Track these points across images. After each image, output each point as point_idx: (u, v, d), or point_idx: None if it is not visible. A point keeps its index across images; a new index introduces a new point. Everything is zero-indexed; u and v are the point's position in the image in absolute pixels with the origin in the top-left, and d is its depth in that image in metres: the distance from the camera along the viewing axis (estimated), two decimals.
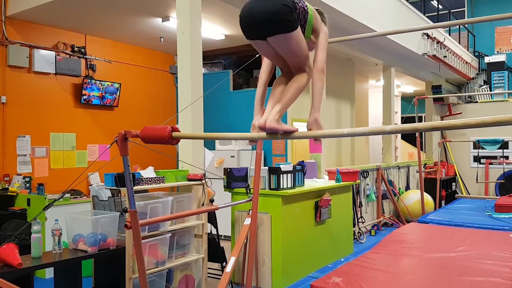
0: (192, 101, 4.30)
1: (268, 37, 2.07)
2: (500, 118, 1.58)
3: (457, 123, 1.71)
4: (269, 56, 2.30)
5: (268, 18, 1.99)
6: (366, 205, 7.98)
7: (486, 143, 9.24)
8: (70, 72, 6.95)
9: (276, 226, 4.60)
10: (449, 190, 10.85)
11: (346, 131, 1.91)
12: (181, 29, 4.46)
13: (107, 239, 3.50)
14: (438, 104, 12.06)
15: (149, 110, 8.28)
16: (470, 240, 4.84)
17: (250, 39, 2.16)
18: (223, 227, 5.16)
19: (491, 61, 12.79)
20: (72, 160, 6.96)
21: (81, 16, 6.32)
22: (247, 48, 8.10)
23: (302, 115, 7.79)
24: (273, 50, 2.17)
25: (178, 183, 4.05)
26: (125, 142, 2.46)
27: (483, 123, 1.61)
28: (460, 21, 8.20)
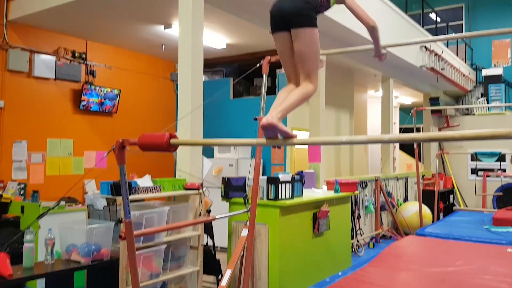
0: (192, 108, 4.27)
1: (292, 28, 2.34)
2: (497, 132, 1.59)
3: (455, 135, 1.71)
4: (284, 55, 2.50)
5: (293, 13, 2.32)
6: (365, 217, 7.93)
7: (483, 156, 9.24)
8: (70, 78, 6.93)
9: (273, 238, 4.55)
10: (447, 202, 10.82)
11: (344, 139, 1.91)
12: (183, 38, 4.44)
13: (101, 250, 3.44)
14: (436, 115, 12.08)
15: (148, 117, 8.24)
16: (468, 254, 4.81)
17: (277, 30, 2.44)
18: (219, 238, 5.11)
19: (488, 74, 12.84)
20: (69, 167, 6.91)
21: (82, 21, 6.31)
22: (248, 57, 8.13)
23: (302, 124, 7.78)
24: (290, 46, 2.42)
25: (175, 193, 4.01)
26: (122, 150, 2.42)
27: (481, 136, 1.63)
28: (458, 35, 8.25)
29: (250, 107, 7.56)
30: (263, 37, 6.98)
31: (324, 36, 6.72)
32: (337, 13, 6.15)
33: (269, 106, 4.55)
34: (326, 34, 6.75)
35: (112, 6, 5.65)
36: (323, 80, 6.91)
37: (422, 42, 8.60)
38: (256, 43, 7.43)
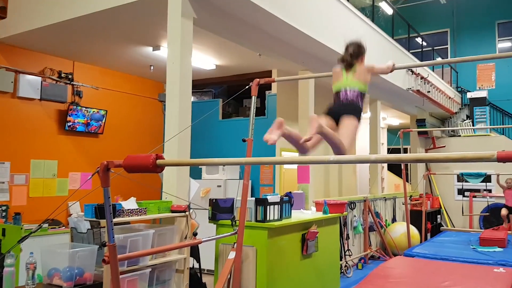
0: (179, 130, 4.25)
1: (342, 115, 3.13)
2: (481, 154, 1.62)
3: (440, 157, 1.74)
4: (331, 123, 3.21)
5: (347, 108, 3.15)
6: (353, 237, 7.90)
7: (469, 176, 9.31)
8: (56, 98, 6.88)
9: (261, 260, 4.49)
10: (434, 223, 10.85)
11: (332, 158, 1.91)
12: (172, 59, 4.45)
13: (84, 274, 3.35)
14: (422, 137, 12.21)
15: (135, 138, 8.19)
16: (455, 275, 4.80)
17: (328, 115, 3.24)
18: (206, 260, 5.03)
19: (473, 96, 13.07)
20: (52, 189, 6.80)
21: (69, 42, 6.30)
22: (237, 78, 8.17)
23: (291, 145, 7.78)
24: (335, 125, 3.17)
25: (160, 215, 3.95)
26: (107, 173, 2.38)
27: (465, 158, 1.66)
28: (444, 61, 8.47)
29: (239, 128, 7.56)
30: (251, 59, 7.04)
31: (314, 58, 6.81)
32: (329, 40, 6.25)
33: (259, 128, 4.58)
34: (316, 57, 6.83)
35: (100, 27, 5.65)
36: (312, 101, 6.95)
37: (411, 67, 8.77)
38: (245, 64, 7.48)
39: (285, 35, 5.88)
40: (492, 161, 1.59)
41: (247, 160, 2.33)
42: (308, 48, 6.44)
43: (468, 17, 15.36)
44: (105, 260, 2.51)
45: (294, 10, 5.56)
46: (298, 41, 6.10)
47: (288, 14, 5.39)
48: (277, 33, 5.81)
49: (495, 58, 4.14)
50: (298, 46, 6.33)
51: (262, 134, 2.63)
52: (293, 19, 5.50)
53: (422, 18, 15.56)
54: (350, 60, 3.32)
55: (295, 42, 6.18)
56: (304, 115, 6.90)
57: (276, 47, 6.13)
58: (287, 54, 6.35)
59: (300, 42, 6.15)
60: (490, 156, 1.59)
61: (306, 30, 5.76)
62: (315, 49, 6.44)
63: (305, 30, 5.74)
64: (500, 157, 1.58)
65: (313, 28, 5.94)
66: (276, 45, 6.10)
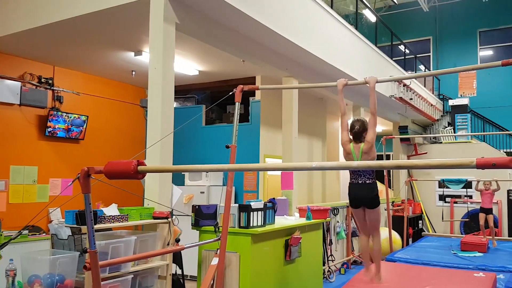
0: (162, 136, 4.22)
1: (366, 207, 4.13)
2: (461, 161, 1.64)
3: (420, 163, 1.77)
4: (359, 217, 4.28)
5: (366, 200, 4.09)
6: (336, 243, 7.93)
7: (450, 183, 9.42)
8: (36, 103, 6.78)
9: (244, 266, 4.47)
10: (416, 228, 10.96)
11: (314, 165, 1.93)
12: (154, 64, 4.42)
13: (65, 281, 3.31)
14: (404, 143, 12.35)
15: (117, 143, 8.11)
16: (436, 279, 4.85)
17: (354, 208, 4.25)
18: (189, 266, 4.99)
19: (455, 104, 13.28)
20: (33, 195, 6.69)
21: (50, 47, 6.23)
22: (220, 84, 8.16)
23: (275, 151, 7.82)
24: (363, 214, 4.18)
25: (142, 222, 3.91)
26: (87, 179, 2.35)
27: (445, 164, 1.68)
28: (428, 73, 8.64)
29: (223, 135, 7.54)
30: (235, 65, 7.04)
31: (298, 65, 6.86)
32: (315, 48, 6.30)
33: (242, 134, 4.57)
34: (300, 64, 6.88)
35: (81, 32, 5.60)
36: (296, 108, 6.98)
37: (396, 80, 8.91)
38: (229, 70, 7.48)
39: (269, 41, 5.91)
40: (472, 167, 1.62)
41: (230, 167, 2.33)
42: (292, 55, 6.47)
43: (450, 25, 15.63)
44: (86, 266, 2.47)
45: (278, 16, 5.59)
46: (282, 47, 6.13)
47: (272, 20, 5.41)
48: (261, 39, 5.83)
49: (476, 69, 4.24)
50: (282, 52, 6.36)
51: (246, 141, 2.64)
52: (277, 25, 5.53)
53: (405, 26, 15.79)
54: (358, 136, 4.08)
55: (279, 49, 6.21)
56: (287, 121, 6.93)
57: (260, 53, 6.15)
58: (271, 60, 6.38)
59: (284, 48, 6.18)
60: (469, 162, 1.61)
61: (290, 36, 5.80)
62: (299, 55, 6.48)
63: (289, 37, 5.77)
64: (479, 164, 1.60)
65: (297, 35, 5.97)
66: (260, 51, 6.12)
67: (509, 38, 14.83)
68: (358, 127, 4.02)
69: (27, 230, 5.36)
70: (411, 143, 12.35)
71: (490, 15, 14.88)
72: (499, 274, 5.30)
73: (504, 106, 14.04)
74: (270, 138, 7.88)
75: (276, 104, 7.43)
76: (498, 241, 8.05)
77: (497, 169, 1.60)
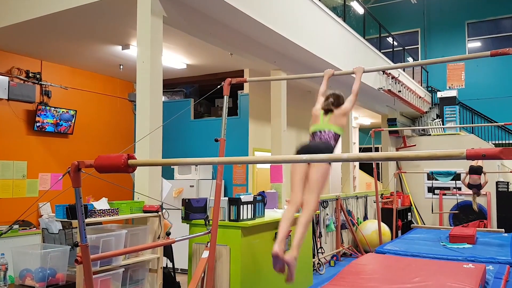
0: (151, 130, 4.22)
1: None
2: (450, 152, 1.64)
3: (410, 155, 1.77)
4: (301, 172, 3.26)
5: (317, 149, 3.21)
6: (326, 235, 7.99)
7: (439, 175, 9.50)
8: (24, 98, 6.73)
9: (235, 259, 4.51)
10: (405, 220, 11.05)
11: (305, 157, 1.93)
12: (141, 58, 4.41)
13: (57, 274, 3.32)
14: (393, 136, 12.42)
15: (105, 138, 8.08)
16: (425, 271, 4.90)
17: None
18: (179, 260, 5.01)
19: (443, 96, 13.38)
20: (22, 190, 6.66)
21: (37, 41, 6.17)
22: (208, 77, 8.14)
23: (264, 145, 7.84)
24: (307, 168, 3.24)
25: (133, 215, 3.92)
26: (78, 173, 2.35)
27: (434, 156, 1.67)
28: (416, 63, 8.66)
29: (211, 128, 7.55)
30: (223, 58, 7.03)
31: (286, 58, 6.87)
32: (300, 39, 6.30)
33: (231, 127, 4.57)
34: (288, 57, 6.88)
35: (68, 26, 5.55)
36: (285, 101, 7.00)
37: (383, 69, 8.90)
38: (216, 64, 7.47)
39: (257, 34, 5.91)
40: (461, 158, 1.62)
41: (220, 160, 2.35)
42: (280, 48, 6.48)
43: (438, 17, 15.71)
44: (77, 260, 2.49)
45: (266, 9, 5.59)
46: (270, 40, 6.14)
47: (260, 13, 5.41)
48: (249, 32, 5.83)
49: (464, 59, 4.26)
50: (270, 45, 6.37)
51: (235, 134, 2.67)
52: (265, 18, 5.53)
53: (393, 18, 15.85)
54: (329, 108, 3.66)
55: (267, 42, 6.21)
56: (276, 114, 6.94)
57: (248, 47, 6.15)
58: (259, 53, 6.39)
59: (272, 41, 6.18)
60: (459, 154, 1.62)
61: (278, 29, 5.80)
62: (287, 48, 6.49)
63: (277, 30, 5.78)
64: (469, 155, 1.61)
65: (285, 28, 5.98)
66: (248, 45, 6.12)
67: (497, 30, 14.95)
68: (333, 100, 3.67)
69: (17, 225, 5.33)
70: (399, 135, 12.43)
71: (478, 7, 14.98)
72: (488, 265, 5.36)
73: (492, 98, 14.17)
74: (259, 132, 7.90)
75: (265, 98, 7.45)
76: (487, 233, 8.15)
77: (486, 161, 1.62)
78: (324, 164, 3.17)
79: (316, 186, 3.13)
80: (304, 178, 3.21)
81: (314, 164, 3.17)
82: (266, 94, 7.31)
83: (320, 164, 3.17)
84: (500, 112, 13.42)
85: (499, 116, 13.11)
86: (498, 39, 14.86)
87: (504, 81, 14.26)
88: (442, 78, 15.05)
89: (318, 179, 3.14)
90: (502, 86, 14.24)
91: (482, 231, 8.33)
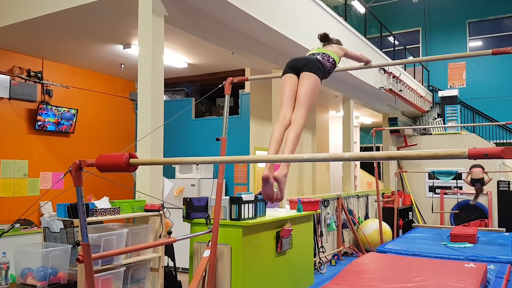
0: (152, 129, 4.22)
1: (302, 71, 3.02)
2: (453, 151, 1.64)
3: (412, 154, 1.76)
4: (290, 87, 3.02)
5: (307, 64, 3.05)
6: (327, 235, 7.99)
7: (440, 174, 9.49)
8: (25, 97, 6.74)
9: (236, 258, 4.51)
10: (406, 219, 11.05)
11: (306, 156, 1.93)
12: (143, 57, 4.41)
13: (58, 273, 3.33)
14: (394, 135, 12.41)
15: (107, 137, 8.09)
16: (427, 270, 4.89)
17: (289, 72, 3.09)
18: (180, 259, 5.01)
19: (444, 95, 13.36)
20: (24, 188, 6.67)
21: (39, 41, 6.18)
22: (209, 76, 8.14)
23: (264, 144, 7.83)
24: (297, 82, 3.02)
25: (134, 214, 3.93)
26: (79, 172, 2.35)
27: (436, 155, 1.67)
28: (417, 59, 8.63)
29: (212, 127, 7.55)
30: (224, 58, 7.03)
31: (287, 57, 6.84)
32: (300, 37, 6.30)
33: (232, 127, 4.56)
34: (290, 56, 6.86)
35: (70, 25, 5.56)
36: None
37: (383, 66, 8.88)
38: (218, 63, 7.47)
39: (258, 34, 5.91)
40: (464, 158, 1.61)
41: (221, 159, 2.36)
42: (281, 47, 6.48)
43: (439, 16, 15.69)
44: (79, 259, 2.49)
45: (267, 8, 5.59)
46: (271, 39, 6.14)
47: (261, 12, 5.41)
48: (250, 32, 5.82)
49: (466, 56, 4.22)
50: (271, 44, 6.37)
51: (236, 133, 2.66)
52: (266, 17, 5.53)
53: (394, 17, 15.84)
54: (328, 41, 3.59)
55: (268, 41, 6.21)
56: (277, 113, 6.92)
57: (249, 46, 6.15)
58: (260, 52, 6.38)
59: (273, 40, 6.18)
60: (461, 153, 1.61)
61: (279, 28, 5.80)
62: (288, 47, 6.49)
63: (278, 29, 5.78)
64: (471, 154, 1.60)
65: (286, 27, 5.98)
66: (249, 44, 6.12)
67: (498, 29, 14.93)
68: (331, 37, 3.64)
69: (18, 224, 5.34)
70: (401, 134, 12.42)
71: (479, 6, 14.97)
72: (489, 264, 5.36)
73: (493, 97, 14.15)
74: (260, 131, 7.90)
75: (266, 97, 7.45)
76: (488, 232, 8.14)
77: (487, 160, 1.61)
78: (313, 77, 2.97)
79: (306, 101, 2.89)
80: (293, 95, 2.97)
81: (304, 77, 2.98)
82: (267, 93, 7.31)
83: (309, 77, 2.97)
84: (501, 111, 13.41)
85: (500, 115, 13.10)
86: (499, 38, 14.85)
87: (505, 80, 14.25)
88: (443, 77, 15.04)
89: (307, 93, 2.91)
90: (503, 85, 14.22)
91: (483, 231, 8.32)
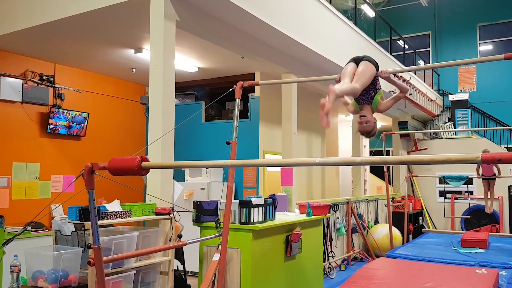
0: (163, 133, 4.24)
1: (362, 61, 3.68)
2: (466, 156, 1.63)
3: (425, 159, 1.74)
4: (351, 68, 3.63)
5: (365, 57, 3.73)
6: (336, 239, 7.96)
7: (451, 179, 9.43)
8: (37, 101, 6.81)
9: (245, 262, 4.50)
10: (416, 224, 10.97)
11: (318, 160, 1.93)
12: (154, 62, 4.44)
13: (69, 276, 3.34)
14: (404, 139, 12.35)
15: (117, 140, 8.14)
16: (437, 276, 4.86)
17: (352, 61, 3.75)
18: (190, 262, 5.02)
19: (455, 99, 13.27)
20: (35, 191, 6.73)
21: (51, 45, 6.25)
22: (219, 80, 8.18)
23: (274, 148, 7.84)
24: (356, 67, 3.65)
25: (144, 217, 3.94)
26: (91, 175, 2.37)
27: (449, 160, 1.65)
28: (429, 66, 8.59)
29: (222, 131, 7.57)
30: (234, 62, 7.05)
31: (297, 61, 6.87)
32: (312, 43, 6.31)
33: (242, 130, 4.57)
34: (299, 60, 6.89)
35: (82, 30, 5.62)
36: (295, 104, 7.00)
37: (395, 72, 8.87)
38: (228, 67, 7.49)
39: (268, 38, 5.92)
40: (477, 163, 1.60)
41: (232, 163, 2.36)
42: (291, 51, 6.49)
43: (449, 20, 15.61)
44: (90, 262, 2.50)
45: (277, 12, 5.61)
46: (281, 43, 6.15)
47: (271, 16, 5.43)
48: (260, 36, 5.84)
49: (478, 62, 4.19)
50: (281, 48, 6.38)
51: (245, 137, 2.67)
52: (276, 21, 5.54)
53: (404, 21, 15.78)
54: None
55: (278, 45, 6.22)
56: (287, 117, 6.94)
57: (259, 50, 6.16)
58: (270, 56, 6.40)
59: (283, 44, 6.19)
60: (474, 158, 1.59)
61: (289, 32, 5.81)
62: (298, 51, 6.50)
63: (288, 33, 5.79)
64: (484, 159, 1.58)
65: (296, 31, 5.99)
66: (259, 48, 6.14)
67: (509, 33, 14.81)
68: None
69: (30, 227, 5.38)
70: (411, 138, 12.36)
71: (489, 10, 14.86)
72: (501, 270, 5.30)
73: (504, 101, 14.03)
74: (269, 135, 7.90)
75: (275, 101, 7.45)
76: (500, 238, 8.05)
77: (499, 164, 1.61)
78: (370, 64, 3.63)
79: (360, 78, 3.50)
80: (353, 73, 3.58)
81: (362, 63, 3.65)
82: (276, 97, 7.31)
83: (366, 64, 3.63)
84: None
85: (511, 120, 12.98)
86: (510, 42, 14.73)
87: None
88: (454, 81, 14.94)
89: (363, 71, 3.55)
90: None
91: (495, 236, 8.24)
